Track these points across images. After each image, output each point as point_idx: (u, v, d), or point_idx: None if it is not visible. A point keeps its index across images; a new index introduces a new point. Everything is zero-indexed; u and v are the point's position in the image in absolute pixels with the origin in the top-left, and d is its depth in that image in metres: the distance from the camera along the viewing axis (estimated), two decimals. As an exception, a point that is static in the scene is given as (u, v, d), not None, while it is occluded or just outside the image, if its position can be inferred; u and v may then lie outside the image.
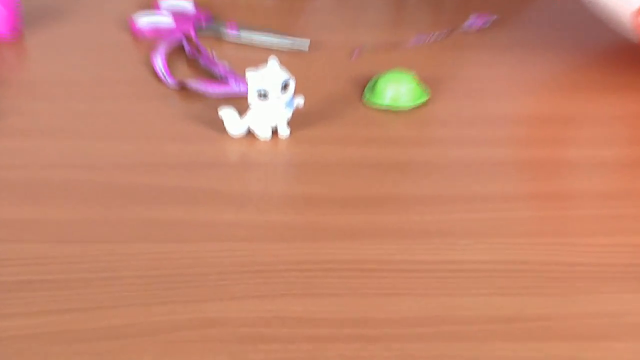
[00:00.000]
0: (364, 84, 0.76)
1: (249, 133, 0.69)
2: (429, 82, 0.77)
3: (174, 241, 0.57)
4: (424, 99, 0.74)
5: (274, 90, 0.65)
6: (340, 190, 0.62)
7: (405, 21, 0.85)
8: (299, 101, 0.68)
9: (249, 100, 0.66)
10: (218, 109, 0.70)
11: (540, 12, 0.88)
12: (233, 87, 0.74)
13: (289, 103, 0.67)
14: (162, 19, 0.83)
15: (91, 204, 0.60)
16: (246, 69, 0.70)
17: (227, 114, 0.68)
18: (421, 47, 0.82)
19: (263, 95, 0.65)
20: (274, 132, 0.69)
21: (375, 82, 0.74)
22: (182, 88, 0.75)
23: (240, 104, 0.73)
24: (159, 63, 0.77)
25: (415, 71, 0.77)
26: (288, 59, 0.79)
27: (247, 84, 0.72)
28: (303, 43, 0.81)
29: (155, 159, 0.66)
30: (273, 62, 0.65)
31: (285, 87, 0.65)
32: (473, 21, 0.85)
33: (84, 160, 0.65)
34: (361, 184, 0.63)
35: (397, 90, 0.72)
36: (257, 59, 0.79)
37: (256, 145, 0.67)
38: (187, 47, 0.80)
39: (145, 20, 0.83)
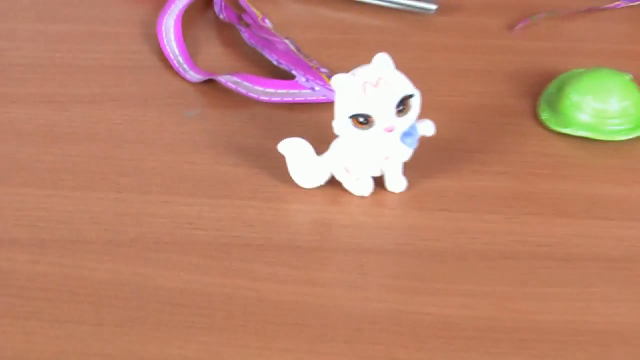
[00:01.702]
0: (538, 87, 0.63)
1: (333, 184, 0.56)
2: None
3: None
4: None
5: (384, 114, 0.52)
6: (502, 311, 0.49)
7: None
8: (426, 129, 0.56)
9: (335, 127, 0.53)
10: (278, 144, 0.56)
11: None
12: (303, 88, 0.62)
13: (409, 134, 0.54)
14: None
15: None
16: (333, 79, 0.53)
17: (292, 147, 0.56)
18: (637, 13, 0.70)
19: (363, 122, 0.52)
20: (378, 182, 0.56)
21: (560, 86, 0.62)
22: (209, 83, 0.64)
23: (319, 121, 0.59)
24: (171, 36, 0.66)
25: (633, 70, 0.62)
26: (401, 31, 0.68)
27: (330, 89, 0.61)
28: (427, 4, 0.71)
29: (150, 229, 0.52)
30: (384, 61, 0.53)
31: (402, 106, 0.53)
32: None
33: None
34: (541, 298, 0.49)
35: (603, 107, 0.59)
36: (346, 34, 0.68)
37: (345, 208, 0.55)
38: (218, 7, 0.69)
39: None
